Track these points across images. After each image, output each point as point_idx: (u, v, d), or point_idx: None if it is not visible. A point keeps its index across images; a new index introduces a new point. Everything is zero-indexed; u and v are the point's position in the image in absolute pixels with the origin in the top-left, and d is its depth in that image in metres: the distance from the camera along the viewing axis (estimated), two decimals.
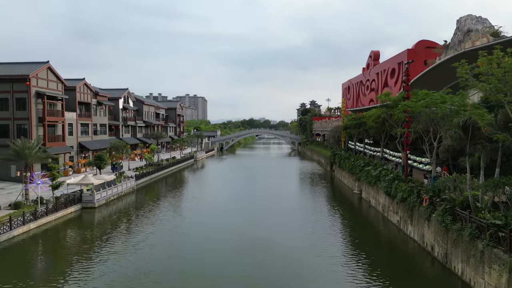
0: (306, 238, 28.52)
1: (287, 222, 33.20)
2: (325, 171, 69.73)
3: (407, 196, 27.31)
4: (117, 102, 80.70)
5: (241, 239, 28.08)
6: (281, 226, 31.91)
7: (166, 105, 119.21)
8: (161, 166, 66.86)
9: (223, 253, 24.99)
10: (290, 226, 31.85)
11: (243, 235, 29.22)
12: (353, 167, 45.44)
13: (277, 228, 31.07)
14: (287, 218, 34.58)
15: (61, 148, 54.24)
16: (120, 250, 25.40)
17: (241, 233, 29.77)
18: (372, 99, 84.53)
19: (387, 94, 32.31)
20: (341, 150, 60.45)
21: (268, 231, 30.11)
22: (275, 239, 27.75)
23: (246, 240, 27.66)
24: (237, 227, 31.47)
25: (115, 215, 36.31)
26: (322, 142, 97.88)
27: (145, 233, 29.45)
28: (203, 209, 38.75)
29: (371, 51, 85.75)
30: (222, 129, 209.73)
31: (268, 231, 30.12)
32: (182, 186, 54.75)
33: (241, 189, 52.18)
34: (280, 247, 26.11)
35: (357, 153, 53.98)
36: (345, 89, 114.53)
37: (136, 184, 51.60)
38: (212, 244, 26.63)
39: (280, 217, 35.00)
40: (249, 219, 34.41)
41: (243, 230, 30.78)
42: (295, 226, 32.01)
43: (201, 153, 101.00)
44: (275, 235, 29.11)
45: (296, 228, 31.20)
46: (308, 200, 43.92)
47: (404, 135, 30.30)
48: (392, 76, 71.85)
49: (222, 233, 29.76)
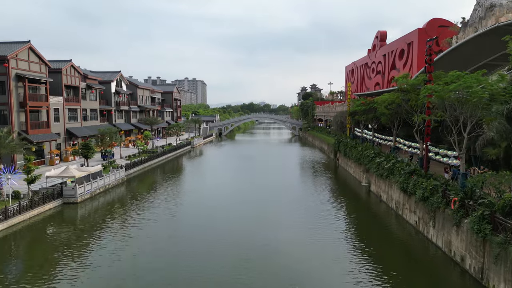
0: (309, 237, 25.15)
1: (288, 218, 29.73)
2: (329, 159, 66.07)
3: (429, 195, 23.66)
4: (109, 85, 76.44)
5: (239, 243, 24.54)
6: (282, 223, 28.43)
7: (162, 89, 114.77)
8: (155, 153, 63.17)
9: (221, 261, 21.47)
10: (291, 222, 28.40)
11: (243, 237, 25.69)
12: (361, 157, 41.72)
13: (277, 225, 27.59)
14: (289, 214, 31.09)
15: (45, 135, 50.41)
16: (95, 260, 21.78)
17: (241, 235, 26.25)
18: (378, 83, 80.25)
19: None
20: (347, 137, 56.64)
21: (268, 230, 26.62)
22: (275, 241, 24.25)
23: (245, 247, 24.11)
24: (236, 227, 27.93)
25: (98, 212, 32.74)
26: (324, 128, 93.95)
27: (128, 237, 25.83)
28: (198, 206, 35.14)
29: (377, 31, 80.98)
30: (221, 114, 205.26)
31: (268, 231, 26.63)
32: (177, 177, 51.16)
33: (240, 180, 48.57)
34: (280, 249, 22.64)
35: (365, 141, 50.18)
36: (348, 72, 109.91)
37: (127, 174, 48.00)
38: (208, 255, 23.06)
39: (282, 213, 31.49)
40: (248, 217, 30.88)
41: (242, 231, 27.26)
42: (297, 222, 28.58)
43: (199, 139, 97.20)
44: (276, 234, 25.66)
45: (298, 225, 27.73)
46: (311, 192, 40.38)
47: (425, 123, 26.43)
48: (400, 57, 67.44)
49: (220, 235, 26.22)
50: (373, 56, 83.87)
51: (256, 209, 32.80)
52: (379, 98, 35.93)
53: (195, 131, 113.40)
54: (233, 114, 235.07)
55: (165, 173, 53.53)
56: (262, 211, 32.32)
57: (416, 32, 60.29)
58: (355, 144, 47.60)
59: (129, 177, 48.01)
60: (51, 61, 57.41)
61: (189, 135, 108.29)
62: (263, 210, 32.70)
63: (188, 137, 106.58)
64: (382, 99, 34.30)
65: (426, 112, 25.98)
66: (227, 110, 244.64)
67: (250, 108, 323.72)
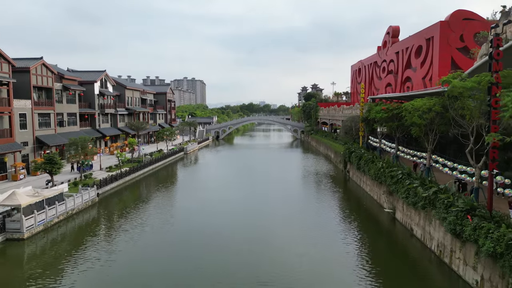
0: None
1: (291, 259, 22.18)
2: (337, 170, 58.48)
3: (504, 250, 16.13)
4: (92, 86, 68.88)
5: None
6: (282, 263, 20.88)
7: (155, 90, 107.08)
8: (141, 163, 55.65)
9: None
10: (296, 263, 20.87)
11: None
12: (381, 175, 34.17)
13: (275, 270, 20.07)
14: (292, 250, 23.52)
15: (7, 145, 42.84)
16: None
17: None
18: (389, 83, 72.67)
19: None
20: (359, 147, 49.06)
21: (269, 274, 19.13)
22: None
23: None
24: (233, 272, 20.38)
25: (51, 251, 25.22)
26: (330, 133, 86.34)
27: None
28: (187, 240, 27.55)
29: (389, 26, 73.32)
30: (220, 115, 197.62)
31: (269, 274, 19.14)
32: (163, 194, 43.50)
33: (236, 199, 40.95)
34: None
35: (382, 153, 42.60)
36: (354, 72, 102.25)
37: (103, 192, 40.51)
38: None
39: (282, 249, 23.92)
40: (244, 255, 23.32)
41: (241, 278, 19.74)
42: (302, 262, 21.07)
43: (193, 145, 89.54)
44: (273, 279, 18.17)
45: (303, 268, 20.19)
46: (319, 216, 32.83)
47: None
48: (417, 55, 59.85)
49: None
50: (383, 54, 76.26)
51: (252, 243, 25.23)
52: (409, 104, 28.30)
53: (190, 135, 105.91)
54: (232, 115, 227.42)
55: (149, 189, 45.90)
56: (259, 244, 24.76)
57: (438, 26, 52.70)
58: (372, 157, 39.98)
59: (105, 196, 40.45)
60: (19, 59, 49.97)
61: (183, 139, 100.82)
62: (261, 243, 25.13)
63: (182, 141, 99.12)
64: (414, 106, 26.70)
65: (492, 129, 18.41)
66: (226, 111, 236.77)
67: (249, 109, 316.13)
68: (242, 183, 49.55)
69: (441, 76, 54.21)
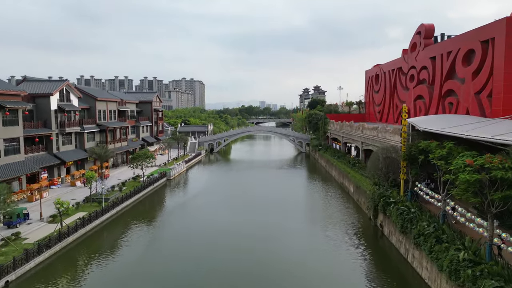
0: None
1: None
2: (360, 215, 44.03)
3: None
4: (47, 100, 54.64)
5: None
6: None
7: (138, 98, 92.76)
8: (99, 209, 41.34)
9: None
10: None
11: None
12: (451, 262, 19.90)
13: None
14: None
15: None
16: None
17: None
18: (421, 96, 58.16)
19: None
20: (400, 196, 34.73)
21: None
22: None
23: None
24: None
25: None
26: (344, 153, 71.86)
27: None
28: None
29: (420, 24, 58.85)
30: (217, 119, 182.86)
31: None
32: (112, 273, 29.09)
33: (226, 269, 26.60)
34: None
35: (440, 216, 28.19)
36: (370, 78, 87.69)
37: (16, 277, 26.22)
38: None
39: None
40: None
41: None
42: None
43: (180, 166, 74.96)
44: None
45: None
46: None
47: None
48: (466, 62, 45.38)
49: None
50: (412, 59, 61.82)
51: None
52: None
53: (178, 151, 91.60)
54: (230, 119, 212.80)
55: (100, 263, 31.53)
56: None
57: (503, 23, 38.24)
58: (429, 226, 25.52)
59: (25, 277, 26.16)
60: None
61: (170, 155, 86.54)
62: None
63: (169, 158, 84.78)
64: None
65: None
66: (224, 115, 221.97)
67: (249, 112, 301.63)
68: (235, 234, 35.08)
69: (508, 93, 40.00)
